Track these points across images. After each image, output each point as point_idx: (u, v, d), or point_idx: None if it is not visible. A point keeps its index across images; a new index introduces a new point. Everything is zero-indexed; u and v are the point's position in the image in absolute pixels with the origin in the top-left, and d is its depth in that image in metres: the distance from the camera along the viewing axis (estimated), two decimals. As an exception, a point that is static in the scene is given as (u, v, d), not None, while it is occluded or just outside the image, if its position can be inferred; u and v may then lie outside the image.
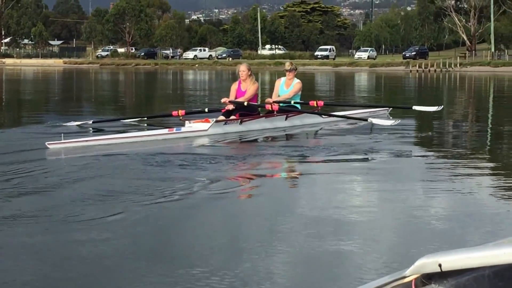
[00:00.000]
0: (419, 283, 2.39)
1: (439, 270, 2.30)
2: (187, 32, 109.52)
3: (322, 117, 13.59)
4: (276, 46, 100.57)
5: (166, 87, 38.18)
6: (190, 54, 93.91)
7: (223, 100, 12.71)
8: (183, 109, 13.04)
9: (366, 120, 12.47)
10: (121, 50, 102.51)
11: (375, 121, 12.15)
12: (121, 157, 9.31)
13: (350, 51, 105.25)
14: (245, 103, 12.38)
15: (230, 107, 12.41)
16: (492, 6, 79.91)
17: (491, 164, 9.41)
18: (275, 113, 12.70)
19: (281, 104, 13.00)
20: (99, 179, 7.58)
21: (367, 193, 7.17)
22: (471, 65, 69.37)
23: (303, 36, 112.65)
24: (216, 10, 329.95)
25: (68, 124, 12.96)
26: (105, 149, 9.96)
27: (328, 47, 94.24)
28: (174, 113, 12.71)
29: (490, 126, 15.41)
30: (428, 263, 2.32)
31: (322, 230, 5.42)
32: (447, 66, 68.11)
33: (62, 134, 10.31)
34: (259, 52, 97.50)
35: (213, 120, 11.81)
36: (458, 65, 69.31)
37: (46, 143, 9.88)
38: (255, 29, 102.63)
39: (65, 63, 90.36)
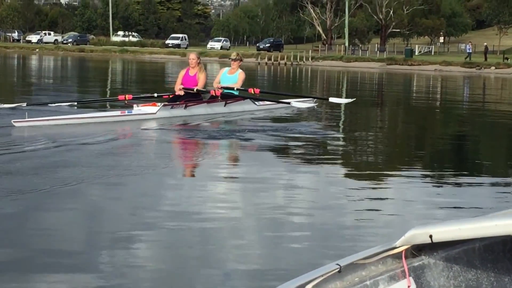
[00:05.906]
0: (409, 255, 2.39)
1: (430, 241, 2.30)
2: (37, 15, 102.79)
3: (256, 104, 14.84)
4: (130, 33, 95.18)
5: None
6: (33, 38, 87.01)
7: (177, 87, 13.83)
8: (130, 94, 13.95)
9: (288, 103, 14.46)
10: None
11: (296, 104, 14.20)
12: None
13: (209, 40, 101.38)
14: (195, 90, 13.73)
15: (182, 92, 13.72)
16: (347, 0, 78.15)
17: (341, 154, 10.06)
18: (219, 98, 14.06)
19: (224, 91, 14.24)
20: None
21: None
22: (324, 59, 67.52)
23: (159, 24, 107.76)
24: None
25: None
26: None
27: (180, 35, 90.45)
28: (121, 97, 13.49)
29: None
30: (419, 234, 2.31)
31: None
32: (298, 60, 65.80)
33: (27, 113, 10.92)
34: (111, 38, 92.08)
35: (160, 104, 13.00)
36: (310, 59, 67.19)
37: (12, 120, 10.65)
38: (107, 14, 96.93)
39: None
